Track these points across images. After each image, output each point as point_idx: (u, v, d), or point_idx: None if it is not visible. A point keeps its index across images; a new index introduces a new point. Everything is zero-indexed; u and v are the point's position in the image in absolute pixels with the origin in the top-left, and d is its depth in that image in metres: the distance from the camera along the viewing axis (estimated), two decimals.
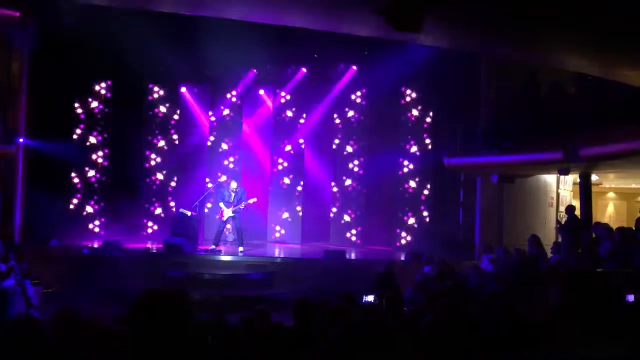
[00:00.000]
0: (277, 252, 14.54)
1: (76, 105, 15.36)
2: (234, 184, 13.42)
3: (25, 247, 12.68)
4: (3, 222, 12.85)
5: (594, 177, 14.63)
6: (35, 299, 10.16)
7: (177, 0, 7.66)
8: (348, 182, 15.94)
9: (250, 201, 13.30)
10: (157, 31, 12.69)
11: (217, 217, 13.48)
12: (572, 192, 16.36)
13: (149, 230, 15.74)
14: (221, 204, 13.33)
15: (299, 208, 16.02)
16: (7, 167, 13.61)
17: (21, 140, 13.55)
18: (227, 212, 13.19)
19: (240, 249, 13.21)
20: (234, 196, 13.24)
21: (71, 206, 15.24)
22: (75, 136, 15.36)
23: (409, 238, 15.31)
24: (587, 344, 1.84)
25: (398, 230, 15.45)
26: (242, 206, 13.17)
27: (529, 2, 5.71)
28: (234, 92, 16.21)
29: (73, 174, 15.35)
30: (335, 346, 1.69)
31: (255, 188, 15.77)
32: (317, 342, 1.71)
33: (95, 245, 13.71)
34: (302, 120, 16.22)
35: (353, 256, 14.22)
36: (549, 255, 10.94)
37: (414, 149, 15.50)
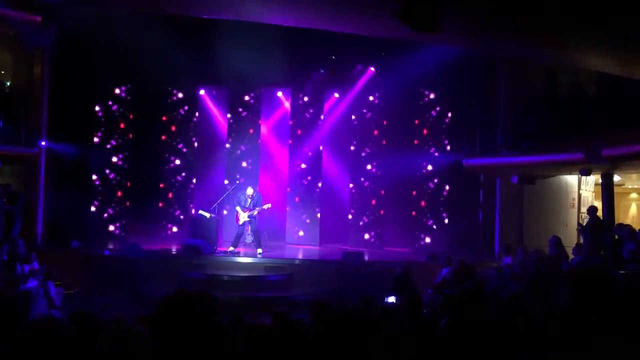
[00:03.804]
0: (296, 253, 14.56)
1: (97, 108, 15.54)
2: (250, 190, 13.50)
3: (47, 248, 12.88)
4: (26, 224, 13.04)
5: (616, 178, 14.41)
6: (58, 300, 10.30)
7: (196, 3, 7.71)
8: (366, 183, 15.92)
9: (265, 207, 13.36)
10: (176, 34, 12.81)
11: (235, 221, 13.58)
12: (593, 193, 16.15)
13: (169, 232, 15.85)
14: (238, 208, 13.42)
15: (317, 210, 16.02)
16: (29, 170, 13.82)
17: (43, 143, 13.74)
18: (243, 217, 13.29)
19: (259, 250, 13.26)
20: (250, 201, 13.34)
21: (92, 208, 15.41)
22: (96, 139, 15.53)
23: (427, 240, 15.24)
24: (604, 345, 1.82)
25: (417, 232, 15.39)
26: (255, 212, 13.24)
27: (549, 2, 5.66)
28: (252, 94, 16.29)
29: (94, 177, 15.52)
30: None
31: (273, 190, 15.84)
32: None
33: (116, 247, 13.85)
34: (320, 122, 16.23)
35: (371, 258, 14.18)
36: (571, 257, 10.82)
37: (432, 150, 15.43)
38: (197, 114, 16.17)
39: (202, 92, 16.10)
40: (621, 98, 11.12)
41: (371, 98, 15.99)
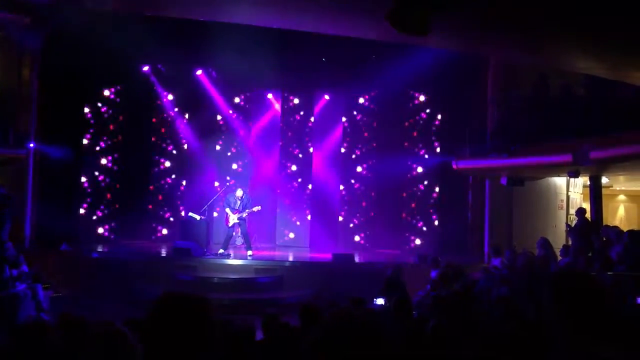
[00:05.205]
0: (286, 255, 14.54)
1: (86, 110, 15.45)
2: (239, 192, 13.48)
3: (35, 251, 12.79)
4: (14, 226, 12.93)
5: (605, 180, 14.52)
6: (46, 303, 10.23)
7: (184, 5, 7.69)
8: (357, 185, 15.94)
9: (255, 209, 13.35)
10: (166, 36, 12.77)
11: (225, 223, 13.55)
12: (582, 195, 16.27)
13: (159, 234, 15.79)
14: (227, 210, 13.40)
15: (307, 211, 16.02)
16: (17, 171, 13.71)
17: (31, 145, 13.64)
18: (232, 218, 13.26)
19: (249, 252, 13.24)
20: (240, 203, 13.31)
21: (81, 210, 15.31)
22: (85, 141, 15.43)
23: (417, 241, 15.29)
24: (591, 346, 1.84)
25: (407, 234, 15.43)
26: (244, 215, 13.22)
27: (537, 5, 5.70)
28: (242, 96, 16.27)
29: (83, 179, 15.43)
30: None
31: (263, 192, 15.81)
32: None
33: (105, 249, 13.78)
34: (310, 124, 16.24)
35: (362, 259, 14.20)
36: (559, 258, 10.88)
37: (422, 152, 15.48)
38: (187, 115, 16.12)
39: (192, 93, 16.04)
40: (610, 101, 11.20)
41: (361, 100, 16.02)
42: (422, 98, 15.56)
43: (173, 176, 16.10)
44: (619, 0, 5.32)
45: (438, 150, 15.34)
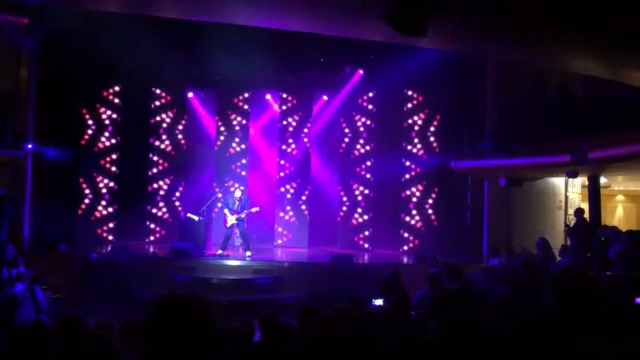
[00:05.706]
0: (284, 256, 14.53)
1: (84, 111, 15.42)
2: (238, 193, 13.48)
3: (34, 252, 12.77)
4: (12, 227, 12.91)
5: (603, 180, 14.53)
6: (45, 304, 10.21)
7: (182, 6, 7.69)
8: (355, 185, 15.93)
9: (253, 210, 13.36)
10: (165, 37, 12.77)
11: (223, 224, 13.55)
12: (580, 195, 16.28)
13: (157, 235, 15.77)
14: (226, 211, 13.39)
15: (306, 212, 16.01)
16: (16, 173, 13.69)
17: (30, 146, 13.62)
18: (231, 219, 13.26)
19: (248, 253, 13.23)
20: (238, 204, 13.31)
21: (79, 212, 15.29)
22: (83, 142, 15.41)
23: (416, 241, 15.29)
24: (590, 345, 1.84)
25: (406, 234, 15.42)
26: (243, 215, 13.22)
27: (535, 6, 5.71)
28: (240, 97, 16.26)
29: (81, 180, 15.40)
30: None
31: (262, 192, 15.80)
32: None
33: (104, 250, 13.76)
34: (308, 125, 16.24)
35: (360, 260, 14.19)
36: (557, 258, 10.89)
37: (421, 152, 15.49)
38: (185, 116, 16.11)
39: (190, 94, 16.06)
40: (608, 100, 11.22)
41: (360, 100, 16.01)
42: (420, 98, 15.56)
43: (172, 177, 16.08)
44: (618, 1, 5.33)
45: (437, 150, 15.33)
